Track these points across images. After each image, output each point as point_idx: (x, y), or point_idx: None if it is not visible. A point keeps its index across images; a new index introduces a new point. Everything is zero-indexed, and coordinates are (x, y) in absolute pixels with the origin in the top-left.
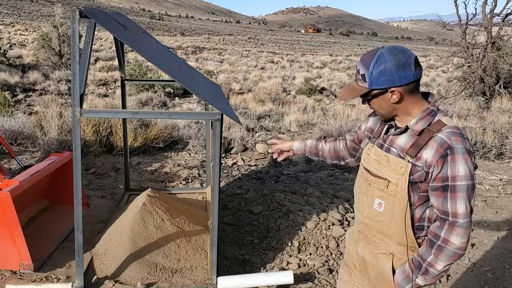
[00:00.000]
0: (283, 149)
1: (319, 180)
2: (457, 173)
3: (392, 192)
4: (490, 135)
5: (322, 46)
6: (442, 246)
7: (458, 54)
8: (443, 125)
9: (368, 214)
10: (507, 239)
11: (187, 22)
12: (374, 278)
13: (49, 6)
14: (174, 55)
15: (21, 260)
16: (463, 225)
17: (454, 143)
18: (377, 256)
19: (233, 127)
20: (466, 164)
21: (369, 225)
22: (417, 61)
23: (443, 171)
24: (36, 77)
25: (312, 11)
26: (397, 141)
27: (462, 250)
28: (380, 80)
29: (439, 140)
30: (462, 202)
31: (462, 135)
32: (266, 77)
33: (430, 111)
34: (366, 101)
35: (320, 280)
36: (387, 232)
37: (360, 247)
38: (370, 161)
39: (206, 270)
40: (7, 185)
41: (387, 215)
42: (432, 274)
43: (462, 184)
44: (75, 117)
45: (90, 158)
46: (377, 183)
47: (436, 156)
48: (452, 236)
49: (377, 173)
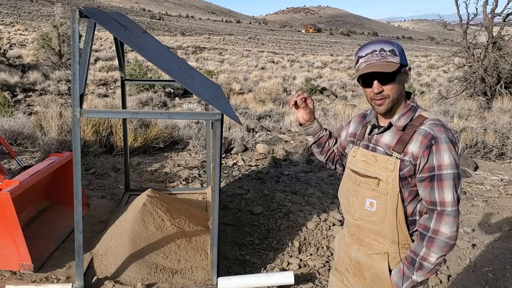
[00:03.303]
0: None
1: (320, 181)
2: (443, 162)
3: (384, 190)
4: (491, 135)
5: (322, 46)
6: (433, 237)
7: (459, 54)
8: (425, 118)
9: (360, 215)
10: (508, 240)
11: (188, 22)
12: (371, 280)
13: (49, 6)
14: (174, 55)
15: (21, 260)
16: (451, 213)
17: (437, 133)
18: (372, 257)
19: (233, 127)
20: (450, 153)
21: (362, 227)
22: None
23: (429, 162)
24: (36, 77)
25: (313, 11)
26: (381, 139)
27: (453, 240)
28: (404, 56)
29: (423, 132)
30: (449, 190)
31: (444, 126)
32: (267, 77)
33: (410, 106)
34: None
35: (321, 281)
36: (380, 231)
37: (354, 250)
38: (357, 163)
39: (206, 270)
40: (7, 185)
41: (380, 214)
42: (426, 268)
43: (448, 172)
44: (75, 117)
45: (90, 158)
46: (367, 183)
47: (422, 148)
48: (442, 226)
49: (366, 173)
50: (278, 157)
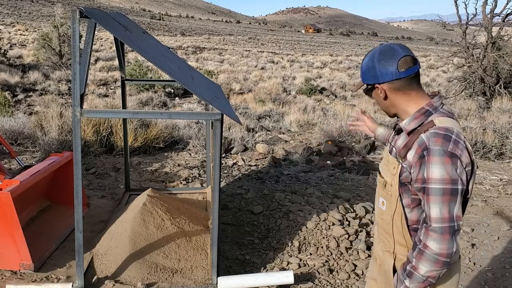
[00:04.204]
0: (369, 127)
1: (320, 180)
2: (431, 176)
3: (389, 191)
4: (490, 135)
5: (322, 46)
6: (422, 251)
7: (458, 54)
8: (432, 125)
9: (377, 212)
10: (507, 239)
11: (188, 22)
12: (384, 274)
13: (49, 6)
14: (174, 55)
15: (21, 260)
16: (436, 230)
17: (431, 144)
18: (384, 254)
19: (233, 127)
20: (443, 167)
21: (378, 223)
22: (405, 60)
23: (421, 173)
24: (36, 77)
25: (312, 11)
26: (397, 142)
27: (443, 257)
28: (368, 76)
29: (419, 141)
30: (435, 206)
31: (445, 137)
32: (266, 77)
33: (424, 111)
34: (369, 96)
35: (321, 280)
36: (388, 231)
37: (376, 243)
38: (382, 162)
39: (206, 270)
40: (8, 185)
41: (387, 214)
42: (416, 278)
43: (435, 187)
44: (75, 117)
45: (91, 158)
46: (380, 182)
47: (415, 157)
48: (429, 241)
49: (382, 173)
50: (278, 157)
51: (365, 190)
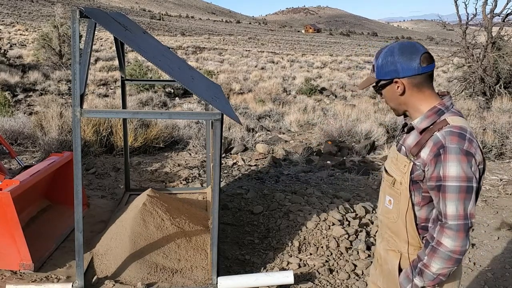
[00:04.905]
0: None
1: (319, 180)
2: (448, 173)
3: (398, 190)
4: (491, 135)
5: (322, 46)
6: (435, 248)
7: (458, 54)
8: (446, 124)
9: (381, 211)
10: (507, 239)
11: (187, 22)
12: (386, 274)
13: (49, 6)
14: (174, 55)
15: (21, 260)
16: (452, 227)
17: (448, 143)
18: (388, 253)
19: (233, 127)
20: (459, 165)
21: (383, 222)
22: (426, 56)
23: (436, 171)
24: (36, 77)
25: (312, 11)
26: (407, 139)
27: (457, 254)
28: (385, 70)
29: (434, 139)
30: (452, 203)
31: (460, 135)
32: (266, 77)
33: (437, 109)
34: (379, 93)
35: (321, 280)
36: (395, 230)
37: (378, 242)
38: (388, 160)
39: (206, 270)
40: (7, 185)
41: (394, 213)
42: (428, 276)
43: (452, 185)
44: (75, 117)
45: (91, 158)
46: (388, 180)
47: (430, 155)
48: (443, 238)
49: (389, 171)
50: (278, 157)
51: (365, 190)
